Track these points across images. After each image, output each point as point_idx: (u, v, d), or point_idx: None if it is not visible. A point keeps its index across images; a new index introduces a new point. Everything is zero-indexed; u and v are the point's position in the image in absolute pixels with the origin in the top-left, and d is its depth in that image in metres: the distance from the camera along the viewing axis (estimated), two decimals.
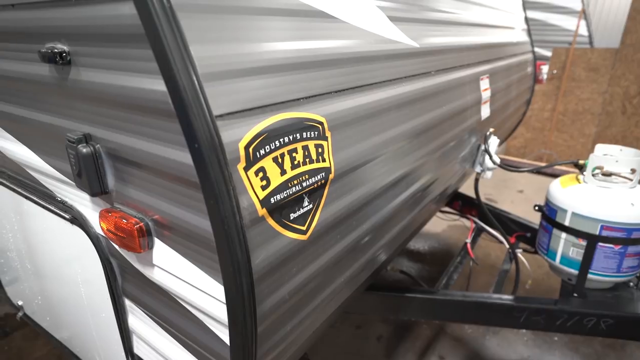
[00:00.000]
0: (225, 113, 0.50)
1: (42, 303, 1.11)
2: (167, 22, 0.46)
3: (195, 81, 0.47)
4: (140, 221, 0.63)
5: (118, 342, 0.86)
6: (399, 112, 0.90)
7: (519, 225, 1.77)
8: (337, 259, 0.75)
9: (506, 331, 1.82)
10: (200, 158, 0.48)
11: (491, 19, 1.66)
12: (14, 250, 1.09)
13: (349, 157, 0.73)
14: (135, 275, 0.73)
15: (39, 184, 0.87)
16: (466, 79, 1.30)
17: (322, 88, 0.67)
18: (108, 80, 0.57)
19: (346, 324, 1.88)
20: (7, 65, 0.75)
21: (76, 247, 0.82)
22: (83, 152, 0.63)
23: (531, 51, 2.32)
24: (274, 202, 0.57)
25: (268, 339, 0.63)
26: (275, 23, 0.61)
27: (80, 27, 0.57)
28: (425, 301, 1.33)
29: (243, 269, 0.53)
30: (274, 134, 0.56)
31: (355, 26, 0.77)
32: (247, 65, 0.55)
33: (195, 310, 0.65)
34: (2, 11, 0.68)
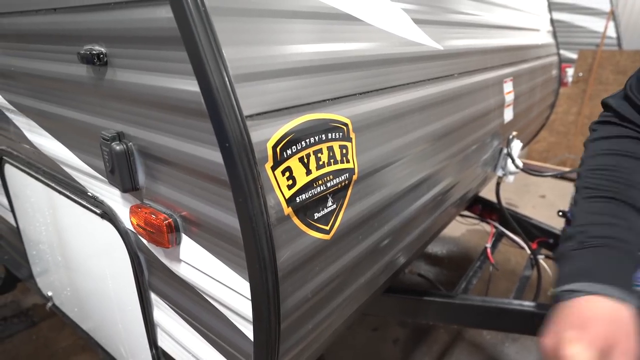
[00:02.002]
0: (254, 113, 0.52)
1: (70, 294, 1.16)
2: (202, 25, 0.48)
3: (227, 82, 0.49)
4: (169, 217, 0.65)
5: (143, 335, 0.88)
6: (422, 115, 0.90)
7: (541, 231, 1.73)
8: (358, 259, 0.76)
9: (526, 338, 1.79)
10: (230, 157, 0.50)
11: (515, 21, 1.63)
12: (46, 242, 1.14)
13: (373, 159, 0.73)
14: (162, 270, 0.75)
15: (72, 180, 0.91)
16: (489, 81, 1.28)
17: (348, 90, 0.68)
18: (142, 81, 0.59)
19: (363, 326, 1.88)
20: (47, 65, 0.79)
21: (105, 241, 0.85)
22: (116, 150, 0.66)
23: (556, 53, 2.27)
24: (299, 201, 0.58)
25: (290, 336, 0.64)
26: (303, 26, 0.62)
27: (117, 29, 0.59)
28: (443, 305, 1.31)
29: (269, 267, 0.54)
30: (300, 135, 0.57)
31: (380, 29, 0.78)
32: (275, 67, 0.56)
33: (220, 305, 0.66)
34: (45, 15, 0.72)
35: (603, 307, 0.50)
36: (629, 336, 0.48)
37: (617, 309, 0.50)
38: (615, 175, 0.60)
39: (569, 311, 0.51)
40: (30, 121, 0.96)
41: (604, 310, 0.50)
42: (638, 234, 0.56)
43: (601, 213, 0.58)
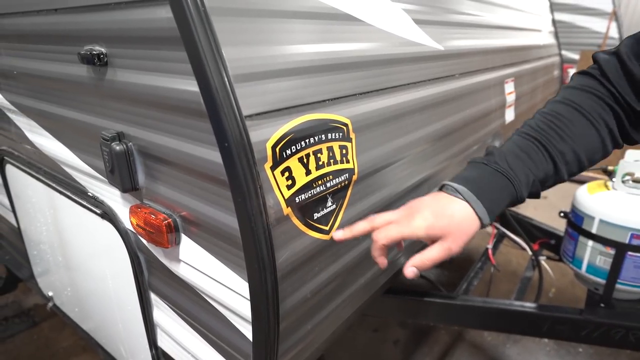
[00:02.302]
0: (254, 113, 0.52)
1: (71, 294, 1.16)
2: (202, 25, 0.48)
3: (226, 82, 0.49)
4: (168, 217, 0.65)
5: (143, 335, 0.88)
6: (423, 115, 0.90)
7: (542, 232, 1.73)
8: (357, 260, 0.76)
9: (527, 340, 1.78)
10: (229, 157, 0.50)
11: (517, 22, 1.63)
12: (47, 243, 1.14)
13: (373, 159, 0.73)
14: (162, 270, 0.75)
15: (73, 180, 0.91)
16: (491, 82, 1.28)
17: (348, 90, 0.67)
18: (142, 81, 0.59)
19: (363, 327, 1.87)
20: (48, 66, 0.79)
21: (106, 241, 0.85)
22: (116, 150, 0.66)
23: (558, 54, 2.26)
24: (298, 201, 0.58)
25: (289, 336, 0.64)
26: (303, 26, 0.62)
27: (117, 30, 0.60)
28: (444, 306, 1.31)
29: (268, 267, 0.54)
30: (300, 135, 0.57)
31: (380, 29, 0.78)
32: (275, 67, 0.56)
33: (219, 305, 0.66)
34: (46, 15, 0.72)
35: (454, 204, 0.57)
36: (460, 233, 0.56)
37: (464, 211, 0.57)
38: (556, 123, 0.62)
39: (427, 196, 0.61)
40: (31, 121, 0.96)
41: (453, 206, 0.57)
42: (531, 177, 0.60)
43: (520, 148, 0.61)
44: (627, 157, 1.30)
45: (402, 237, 0.57)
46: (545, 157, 0.61)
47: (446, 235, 0.56)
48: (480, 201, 0.57)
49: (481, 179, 0.59)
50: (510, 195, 0.59)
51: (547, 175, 0.61)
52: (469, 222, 0.57)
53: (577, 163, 0.62)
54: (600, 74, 0.63)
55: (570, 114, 0.62)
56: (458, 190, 0.58)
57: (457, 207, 0.57)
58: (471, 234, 0.57)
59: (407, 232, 0.57)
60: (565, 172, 0.62)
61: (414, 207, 0.59)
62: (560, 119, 0.62)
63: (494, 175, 0.59)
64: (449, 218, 0.56)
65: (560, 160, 0.61)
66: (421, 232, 0.56)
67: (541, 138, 0.61)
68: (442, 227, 0.56)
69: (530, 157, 0.61)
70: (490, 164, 0.60)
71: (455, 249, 0.56)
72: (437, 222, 0.56)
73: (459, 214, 0.57)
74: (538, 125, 0.63)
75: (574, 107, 0.62)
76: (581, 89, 0.64)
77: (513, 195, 0.59)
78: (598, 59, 0.64)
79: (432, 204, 0.58)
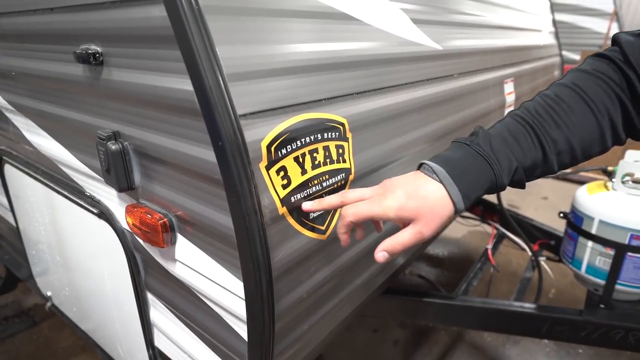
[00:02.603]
0: (248, 112, 0.51)
1: (69, 294, 1.16)
2: (196, 24, 0.48)
3: (220, 81, 0.48)
4: (164, 217, 0.65)
5: (140, 335, 0.88)
6: (421, 115, 0.89)
7: (542, 233, 1.72)
8: (355, 260, 0.75)
9: (527, 341, 1.77)
10: (223, 156, 0.50)
11: (517, 22, 1.62)
12: (45, 242, 1.14)
13: (370, 159, 0.73)
14: (158, 269, 0.75)
15: (70, 179, 0.91)
16: (490, 82, 1.28)
17: (344, 89, 0.67)
18: (137, 80, 0.59)
19: (362, 328, 1.87)
20: (44, 65, 0.79)
21: (103, 240, 0.85)
22: (112, 149, 0.66)
23: (559, 54, 2.26)
24: (294, 201, 0.58)
25: (285, 336, 0.63)
26: (299, 25, 0.62)
27: (112, 28, 0.60)
28: (443, 306, 1.30)
29: (262, 266, 0.54)
30: (295, 134, 0.57)
31: (378, 28, 0.77)
32: (270, 66, 0.56)
33: (214, 305, 0.66)
34: (42, 14, 0.72)
35: (429, 185, 0.54)
36: (432, 216, 0.52)
37: (438, 193, 0.53)
38: (554, 108, 0.57)
39: (404, 176, 0.57)
40: (28, 121, 0.96)
41: (427, 187, 0.54)
42: (514, 164, 0.56)
43: (509, 130, 0.57)
44: (627, 158, 1.29)
45: (371, 216, 0.54)
46: (534, 144, 0.56)
47: (418, 218, 0.52)
48: (455, 184, 0.53)
49: (460, 160, 0.55)
50: (489, 180, 0.55)
51: (535, 164, 0.57)
52: (442, 206, 0.53)
53: (570, 154, 0.57)
54: (621, 58, 0.56)
55: (571, 100, 0.56)
56: (434, 171, 0.54)
57: (432, 189, 0.53)
58: (445, 218, 0.53)
59: (377, 211, 0.54)
60: (555, 163, 0.57)
61: (387, 185, 0.56)
62: (559, 103, 0.57)
63: (474, 158, 0.55)
64: (422, 200, 0.53)
65: (551, 149, 0.56)
66: (391, 213, 0.53)
67: (534, 123, 0.57)
68: (414, 209, 0.52)
69: (518, 142, 0.56)
70: (473, 145, 0.56)
71: (426, 233, 0.53)
72: (408, 203, 0.53)
73: (433, 196, 0.53)
74: (535, 109, 0.58)
75: (577, 92, 0.56)
76: (591, 74, 0.57)
77: (492, 181, 0.55)
78: (620, 41, 0.57)
79: (406, 184, 0.55)
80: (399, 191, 0.54)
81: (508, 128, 0.58)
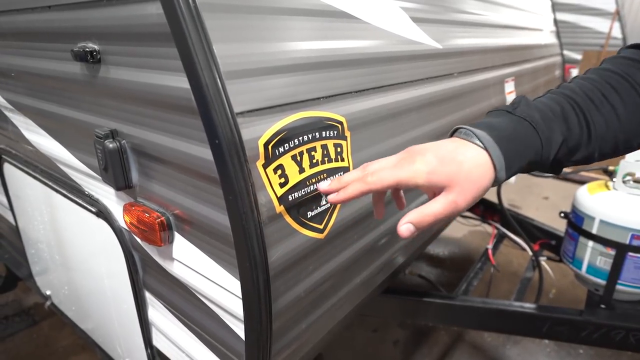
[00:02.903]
0: (245, 110, 0.51)
1: (68, 293, 1.16)
2: (192, 22, 0.47)
3: (217, 79, 0.48)
4: (161, 215, 0.65)
5: (138, 334, 0.88)
6: (420, 114, 0.89)
7: (543, 232, 1.72)
8: (353, 259, 0.75)
9: (527, 341, 1.77)
10: (220, 154, 0.49)
11: (518, 21, 1.62)
12: (44, 241, 1.14)
13: (369, 158, 0.72)
14: (156, 268, 0.75)
15: (68, 178, 0.91)
16: (490, 81, 1.27)
17: (343, 88, 0.67)
18: (134, 78, 0.59)
19: (362, 327, 1.87)
20: (41, 63, 0.79)
21: (101, 239, 0.85)
22: (110, 148, 0.65)
23: (560, 54, 2.25)
24: (291, 199, 0.57)
25: (283, 336, 0.63)
26: (297, 23, 0.62)
27: (109, 26, 0.59)
28: (443, 306, 1.30)
29: (260, 265, 0.53)
30: (293, 132, 0.57)
31: (377, 27, 0.77)
32: (268, 64, 0.55)
33: (212, 304, 0.66)
34: (40, 13, 0.72)
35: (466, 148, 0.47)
36: (469, 184, 0.46)
37: (478, 158, 0.47)
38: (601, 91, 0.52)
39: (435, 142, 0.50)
40: (27, 119, 0.96)
41: (465, 151, 0.47)
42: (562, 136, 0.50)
43: (555, 102, 0.52)
44: (628, 157, 1.29)
45: (397, 181, 0.47)
46: (580, 123, 0.50)
47: (451, 185, 0.45)
48: (499, 149, 0.47)
49: (503, 126, 0.49)
50: (535, 151, 0.49)
51: (579, 144, 0.51)
52: (481, 172, 0.46)
53: (613, 141, 0.51)
54: None
55: (619, 84, 0.51)
56: (475, 134, 0.48)
57: (470, 154, 0.47)
58: (483, 187, 0.47)
59: (404, 176, 0.46)
60: (597, 149, 0.51)
61: (415, 150, 0.49)
62: (605, 86, 0.51)
63: (519, 124, 0.49)
64: (457, 164, 0.46)
65: (597, 133, 0.50)
66: (421, 178, 0.46)
67: (581, 102, 0.51)
68: (448, 174, 0.45)
69: (565, 117, 0.50)
70: (516, 112, 0.50)
71: (462, 203, 0.46)
72: (441, 167, 0.46)
73: (471, 161, 0.46)
74: (580, 89, 0.52)
75: (625, 77, 0.51)
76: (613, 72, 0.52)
77: (538, 153, 0.49)
78: None
79: (439, 148, 0.48)
80: (429, 154, 0.47)
81: (553, 102, 0.52)
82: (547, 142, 0.49)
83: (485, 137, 0.48)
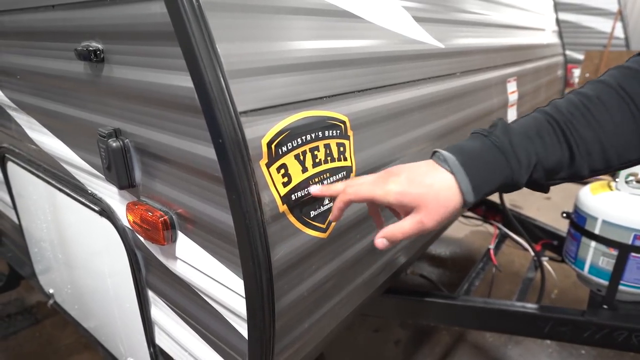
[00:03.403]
0: (249, 110, 0.51)
1: (71, 292, 1.16)
2: (196, 21, 0.47)
3: (220, 78, 0.48)
4: (164, 214, 0.65)
5: (141, 333, 0.88)
6: (423, 113, 0.89)
7: (545, 233, 1.71)
8: (356, 258, 0.75)
9: (529, 341, 1.77)
10: (223, 153, 0.50)
11: (520, 21, 1.61)
12: (47, 240, 1.14)
13: (371, 157, 0.73)
14: (159, 267, 0.75)
15: (72, 177, 0.91)
16: (492, 81, 1.27)
17: (345, 87, 0.67)
18: (138, 77, 0.59)
19: (364, 327, 1.87)
20: (46, 63, 0.80)
21: (104, 238, 0.85)
22: (113, 146, 0.66)
23: (562, 54, 2.24)
24: (294, 199, 0.57)
25: (286, 335, 0.63)
26: (300, 22, 0.62)
27: (113, 25, 0.59)
28: (445, 306, 1.30)
29: (263, 264, 0.53)
30: (296, 132, 0.57)
31: (380, 26, 0.77)
32: (271, 63, 0.55)
33: (215, 303, 0.66)
34: (44, 12, 0.72)
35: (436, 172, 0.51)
36: (436, 206, 0.49)
37: (446, 182, 0.50)
38: (587, 105, 0.51)
39: (414, 163, 0.54)
40: (30, 118, 0.97)
41: (434, 175, 0.51)
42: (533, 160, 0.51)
43: (532, 125, 0.53)
44: None
45: (371, 196, 0.52)
46: (559, 141, 0.51)
47: (420, 207, 0.49)
48: (466, 174, 0.49)
49: (475, 150, 0.51)
50: (504, 175, 0.51)
51: (559, 164, 0.52)
52: (448, 196, 0.49)
53: (602, 157, 0.51)
54: None
55: (610, 98, 0.51)
56: (445, 159, 0.51)
57: (439, 177, 0.50)
58: (450, 210, 0.50)
59: (378, 193, 0.51)
60: (585, 166, 0.51)
61: (392, 170, 0.53)
62: (593, 101, 0.51)
63: (489, 149, 0.51)
64: (426, 187, 0.49)
65: (580, 149, 0.50)
66: (391, 197, 0.50)
67: (561, 119, 0.51)
68: (416, 195, 0.49)
69: (541, 138, 0.51)
70: (490, 136, 0.52)
71: (428, 224, 0.49)
72: (411, 188, 0.49)
73: (439, 184, 0.49)
74: (565, 105, 0.53)
75: (617, 90, 0.51)
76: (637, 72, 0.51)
77: (507, 177, 0.51)
78: None
79: (412, 170, 0.52)
80: (402, 175, 0.51)
81: (531, 122, 0.53)
82: (518, 168, 0.51)
83: (453, 161, 0.51)
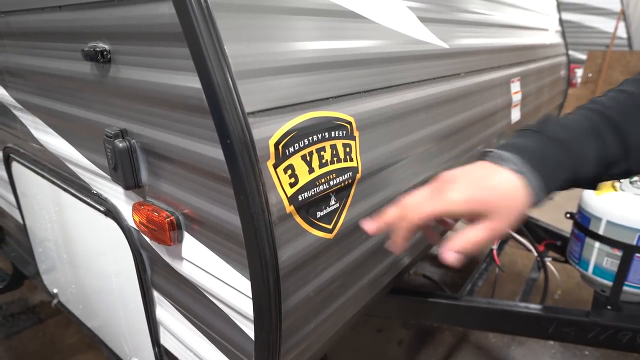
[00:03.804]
0: (256, 110, 0.51)
1: (75, 292, 1.16)
2: (204, 21, 0.47)
3: (229, 78, 0.48)
4: (171, 215, 0.65)
5: (146, 333, 0.88)
6: (427, 114, 0.89)
7: (548, 233, 1.71)
8: (361, 259, 0.75)
9: (532, 342, 1.76)
10: (231, 154, 0.50)
11: (524, 21, 1.61)
12: (52, 240, 1.14)
13: (377, 158, 0.73)
14: (164, 267, 0.75)
15: (77, 177, 0.91)
16: (496, 81, 1.27)
17: (351, 88, 0.67)
18: (145, 78, 0.59)
19: (367, 327, 1.87)
20: (52, 63, 0.80)
21: (109, 238, 0.85)
22: (119, 147, 0.66)
23: (565, 54, 2.24)
24: (301, 199, 0.57)
25: (292, 335, 0.63)
26: (307, 23, 0.62)
27: (120, 26, 0.60)
28: (448, 307, 1.30)
29: (270, 265, 0.53)
30: (303, 132, 0.57)
31: (385, 26, 0.77)
32: (278, 64, 0.55)
33: (221, 303, 0.66)
34: (51, 12, 0.72)
35: (498, 173, 0.47)
36: (507, 208, 0.45)
37: (511, 182, 0.46)
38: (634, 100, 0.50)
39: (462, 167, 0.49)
40: (36, 119, 0.97)
41: (496, 176, 0.47)
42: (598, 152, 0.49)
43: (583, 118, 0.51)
44: None
45: (434, 214, 0.47)
46: (615, 136, 0.49)
47: (490, 212, 0.45)
48: (534, 172, 0.46)
49: (535, 146, 0.48)
50: (572, 169, 0.48)
51: (615, 158, 0.49)
52: (516, 196, 0.46)
53: None
54: None
55: None
56: (507, 159, 0.47)
57: (502, 178, 0.46)
58: (519, 211, 0.46)
59: (442, 207, 0.46)
60: (636, 161, 0.50)
61: (445, 179, 0.49)
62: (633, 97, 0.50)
63: (551, 143, 0.48)
64: (490, 190, 0.46)
65: (632, 145, 0.49)
66: (460, 207, 0.46)
67: (612, 115, 0.49)
68: (484, 200, 0.45)
69: (596, 131, 0.49)
70: (546, 131, 0.49)
71: (500, 228, 0.46)
72: (476, 194, 0.46)
73: (504, 185, 0.46)
74: (610, 102, 0.51)
75: None
76: None
77: (576, 171, 0.48)
78: None
79: (469, 174, 0.48)
80: (460, 182, 0.47)
81: (582, 118, 0.51)
82: (580, 160, 0.48)
83: (517, 160, 0.47)
